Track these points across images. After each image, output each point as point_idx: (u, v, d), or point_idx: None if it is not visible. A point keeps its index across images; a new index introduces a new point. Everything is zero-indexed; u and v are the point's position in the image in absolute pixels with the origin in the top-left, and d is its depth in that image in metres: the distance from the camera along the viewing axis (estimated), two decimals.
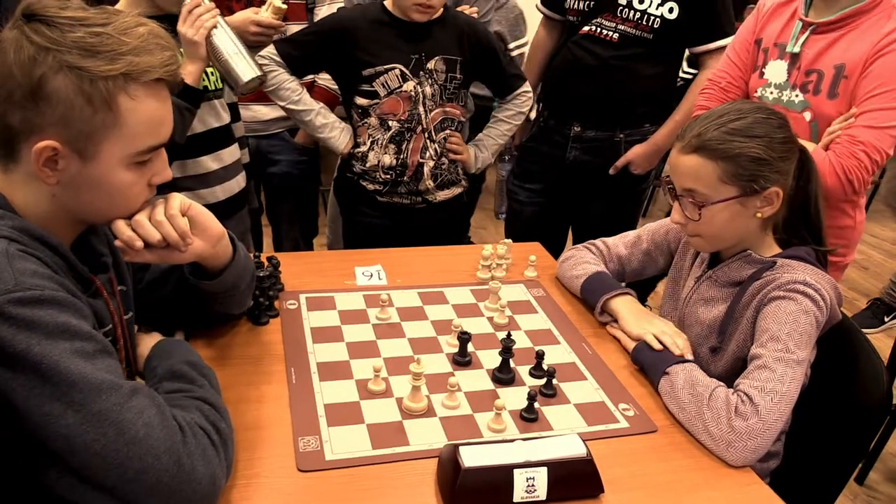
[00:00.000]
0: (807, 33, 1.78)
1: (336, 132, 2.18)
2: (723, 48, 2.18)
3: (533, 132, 2.60)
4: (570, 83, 2.42)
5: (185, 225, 1.18)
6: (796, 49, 1.79)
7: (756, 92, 1.90)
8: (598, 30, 2.33)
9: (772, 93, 1.86)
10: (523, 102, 2.31)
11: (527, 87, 2.30)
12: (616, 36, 2.31)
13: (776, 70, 1.85)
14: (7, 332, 0.91)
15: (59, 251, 1.06)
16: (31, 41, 0.99)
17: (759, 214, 1.40)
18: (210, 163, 1.99)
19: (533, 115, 2.39)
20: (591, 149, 2.46)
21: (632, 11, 2.27)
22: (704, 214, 1.39)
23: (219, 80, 2.00)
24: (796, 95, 1.81)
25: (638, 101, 2.41)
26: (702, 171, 1.36)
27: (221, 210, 1.33)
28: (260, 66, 1.91)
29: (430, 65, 2.10)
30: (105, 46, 1.01)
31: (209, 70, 1.95)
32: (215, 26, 1.79)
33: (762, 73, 1.88)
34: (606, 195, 2.50)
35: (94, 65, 1.00)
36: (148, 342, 1.28)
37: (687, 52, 2.45)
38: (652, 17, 2.26)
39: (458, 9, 2.48)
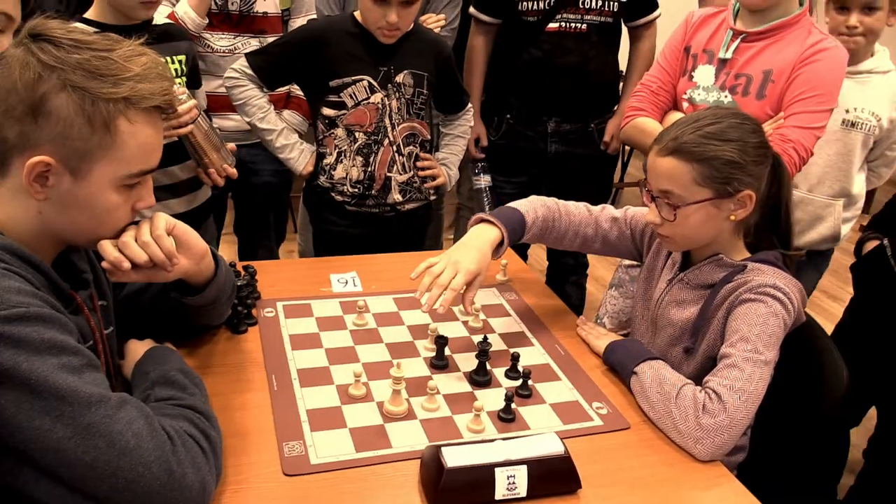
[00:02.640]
0: (737, 41, 1.95)
1: (296, 153, 2.19)
2: (653, 21, 2.55)
3: (503, 131, 2.67)
4: (545, 81, 2.52)
5: (172, 245, 1.19)
6: (728, 55, 1.95)
7: (685, 94, 2.03)
8: (566, 24, 2.45)
9: (699, 94, 2.00)
10: (471, 116, 2.40)
11: (470, 101, 2.40)
12: (584, 27, 2.45)
13: (704, 74, 2.00)
14: None
15: (41, 268, 1.07)
16: (38, 59, 1.01)
17: (732, 217, 1.43)
18: (178, 172, 2.00)
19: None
20: (569, 140, 2.60)
21: (593, 0, 2.41)
22: (679, 215, 1.42)
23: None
24: (725, 96, 1.95)
25: (611, 88, 2.59)
26: (677, 172, 1.40)
27: (190, 220, 1.36)
28: (231, 159, 2.00)
29: (399, 78, 2.12)
30: (109, 70, 1.04)
31: (174, 67, 1.96)
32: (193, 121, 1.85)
33: (691, 77, 2.02)
34: (589, 182, 2.61)
35: (98, 87, 1.03)
36: (140, 348, 1.29)
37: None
38: (611, 2, 2.43)
39: (424, 17, 2.51)
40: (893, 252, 2.01)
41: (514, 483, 1.15)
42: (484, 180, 2.81)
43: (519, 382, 1.44)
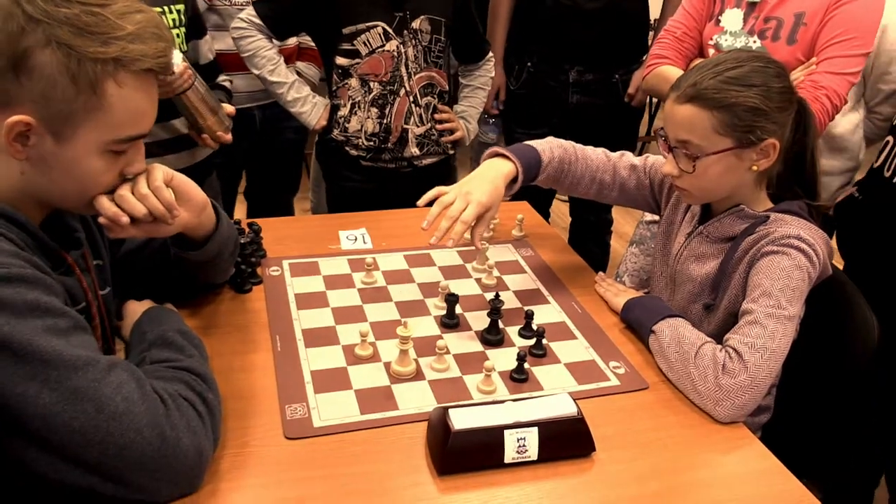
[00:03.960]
0: None
1: (308, 107, 2.15)
2: None
3: (523, 79, 2.62)
4: (569, 29, 2.45)
5: (171, 197, 1.16)
6: None
7: (711, 39, 1.95)
8: None
9: (726, 40, 1.91)
10: (492, 66, 2.34)
11: (490, 50, 2.34)
12: None
13: (732, 18, 1.91)
14: None
15: (28, 228, 1.04)
16: (23, 10, 0.96)
17: (754, 167, 1.38)
18: (178, 126, 1.95)
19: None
20: (591, 91, 2.53)
21: None
22: (698, 167, 1.37)
23: (184, 42, 1.95)
24: (753, 41, 1.86)
25: (638, 37, 2.52)
26: (696, 121, 1.34)
27: (190, 176, 1.33)
28: (227, 123, 1.93)
29: (415, 24, 2.06)
30: (99, 28, 0.98)
31: (175, 32, 1.90)
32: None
33: (718, 21, 1.94)
34: (612, 136, 2.54)
35: (85, 45, 0.97)
36: (138, 309, 1.27)
37: None
38: None
39: None
40: (861, 195, 1.88)
41: (524, 446, 1.12)
42: (491, 137, 2.78)
43: (533, 341, 1.42)
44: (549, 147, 1.60)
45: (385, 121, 2.11)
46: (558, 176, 1.62)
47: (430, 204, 1.46)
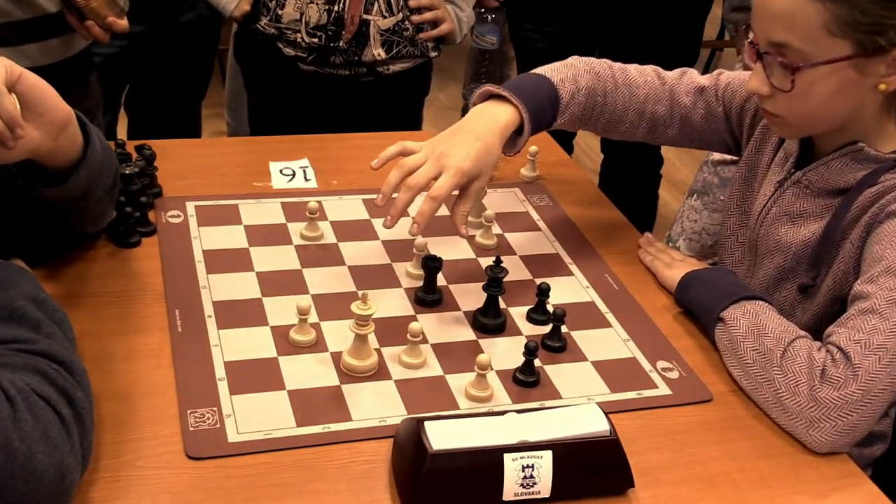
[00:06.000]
0: None
1: None
2: None
3: None
4: None
5: (14, 107, 1.16)
6: None
7: None
8: None
9: None
10: None
11: None
12: None
13: None
14: None
15: None
16: None
17: (882, 86, 1.38)
18: (47, 4, 1.94)
19: None
20: None
21: None
22: (799, 82, 1.37)
23: None
24: None
25: None
26: (801, 15, 1.34)
27: (58, 76, 1.32)
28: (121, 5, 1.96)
29: None
30: None
31: None
32: None
33: None
34: (664, 35, 2.55)
35: None
36: None
37: None
38: None
39: None
40: None
41: (532, 477, 1.13)
42: (490, 40, 2.79)
43: (547, 329, 1.43)
44: (572, 75, 1.60)
45: (336, 7, 2.11)
46: (588, 115, 1.62)
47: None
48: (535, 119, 1.53)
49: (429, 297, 1.48)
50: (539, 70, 1.60)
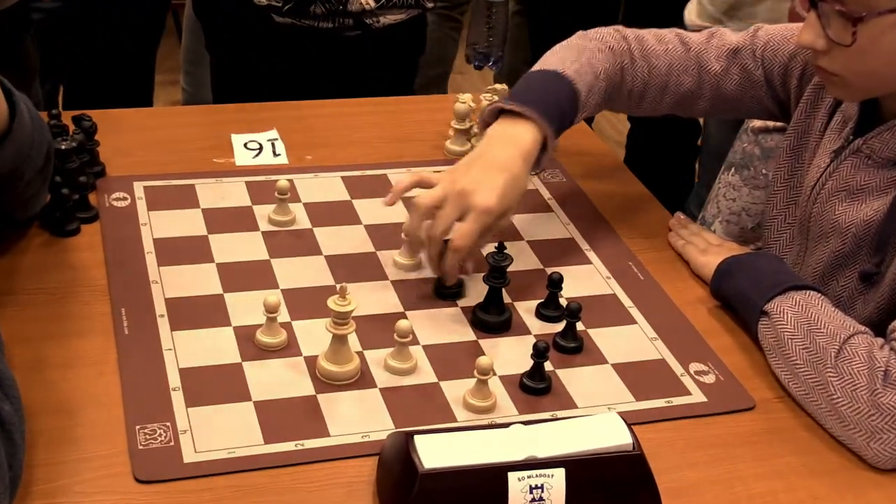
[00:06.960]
0: None
1: None
2: None
3: None
4: None
5: None
6: None
7: None
8: None
9: None
10: None
11: None
12: None
13: None
14: None
15: None
16: None
17: None
18: None
19: None
20: None
21: None
22: (862, 35, 1.37)
23: None
24: None
25: None
26: None
27: None
28: None
29: None
30: None
31: None
32: None
33: None
34: None
35: None
36: None
37: None
38: None
39: None
40: None
41: (541, 499, 1.13)
42: None
43: (560, 326, 1.44)
44: (587, 60, 1.61)
45: None
46: (607, 101, 1.65)
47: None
48: (559, 130, 1.55)
49: (448, 291, 1.49)
50: (549, 65, 1.61)
